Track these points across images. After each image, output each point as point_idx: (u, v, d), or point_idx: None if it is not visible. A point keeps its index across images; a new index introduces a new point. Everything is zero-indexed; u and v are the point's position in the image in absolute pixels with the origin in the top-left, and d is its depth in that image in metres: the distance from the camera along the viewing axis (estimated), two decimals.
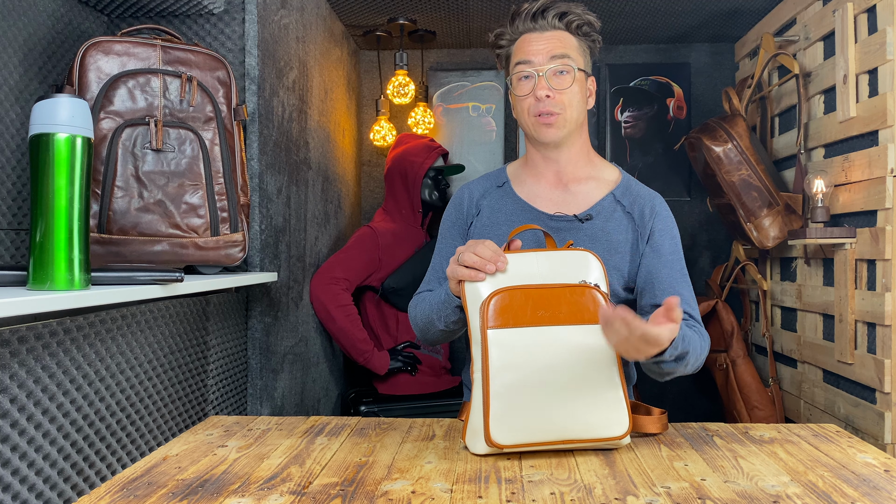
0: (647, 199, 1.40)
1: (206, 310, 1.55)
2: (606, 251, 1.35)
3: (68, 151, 1.07)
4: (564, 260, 1.14)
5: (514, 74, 1.38)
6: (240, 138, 1.57)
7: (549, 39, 1.36)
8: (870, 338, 1.89)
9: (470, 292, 1.12)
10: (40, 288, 1.05)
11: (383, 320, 2.59)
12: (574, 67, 1.35)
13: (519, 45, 1.39)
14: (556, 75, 1.35)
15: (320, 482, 0.98)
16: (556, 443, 1.07)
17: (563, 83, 1.35)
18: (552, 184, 1.43)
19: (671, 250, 1.37)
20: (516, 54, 1.39)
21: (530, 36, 1.37)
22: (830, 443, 1.17)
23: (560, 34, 1.37)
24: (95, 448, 1.15)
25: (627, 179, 1.44)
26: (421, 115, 2.98)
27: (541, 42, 1.36)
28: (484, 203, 1.45)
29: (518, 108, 1.39)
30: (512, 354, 1.07)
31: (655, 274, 1.35)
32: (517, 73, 1.37)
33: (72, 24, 1.56)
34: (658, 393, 3.05)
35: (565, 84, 1.35)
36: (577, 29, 1.38)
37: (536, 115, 1.35)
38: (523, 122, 1.39)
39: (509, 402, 1.06)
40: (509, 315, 1.08)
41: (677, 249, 1.38)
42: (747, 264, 2.60)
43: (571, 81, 1.35)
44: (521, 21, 1.38)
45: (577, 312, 1.09)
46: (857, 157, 1.94)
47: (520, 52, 1.38)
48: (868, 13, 1.91)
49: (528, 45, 1.37)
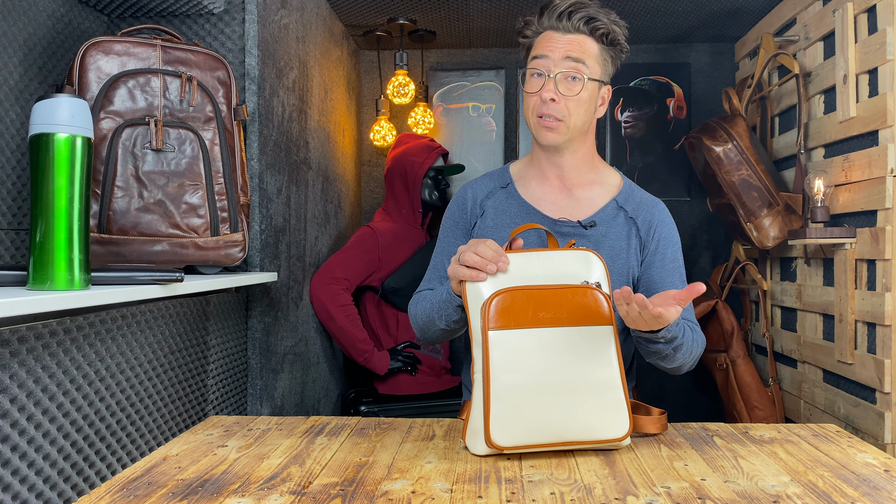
0: (650, 207, 1.41)
1: (206, 310, 1.55)
2: (608, 257, 1.36)
3: (68, 151, 1.07)
4: (567, 259, 1.14)
5: (528, 69, 1.38)
6: (240, 138, 1.57)
7: (570, 42, 1.34)
8: (870, 338, 1.89)
9: (471, 293, 1.11)
10: (40, 288, 1.05)
11: (383, 320, 2.59)
12: (585, 76, 1.33)
13: (540, 40, 1.38)
14: (566, 80, 1.33)
15: (320, 482, 0.98)
16: (557, 444, 1.07)
17: (573, 89, 1.33)
18: (557, 188, 1.42)
19: (673, 258, 1.39)
20: (536, 48, 1.38)
21: (552, 34, 1.36)
22: (830, 443, 1.17)
23: (582, 38, 1.35)
24: (95, 448, 1.15)
25: (629, 185, 1.44)
26: (421, 115, 2.98)
27: (560, 42, 1.34)
28: (488, 204, 1.44)
29: (525, 104, 1.39)
30: (513, 356, 1.06)
31: (658, 280, 1.37)
32: (531, 68, 1.37)
33: (72, 24, 1.56)
34: (658, 393, 3.05)
35: (574, 90, 1.33)
36: (602, 36, 1.35)
37: (539, 115, 1.35)
38: (527, 119, 1.39)
39: (510, 404, 1.05)
40: (510, 316, 1.07)
41: (678, 256, 1.41)
42: (747, 264, 2.60)
43: (580, 89, 1.33)
44: (547, 16, 1.36)
45: (579, 313, 1.09)
46: (857, 157, 1.94)
47: (539, 47, 1.37)
48: (868, 13, 1.91)
49: (547, 41, 1.36)
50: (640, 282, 1.40)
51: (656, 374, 3.07)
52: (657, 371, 3.05)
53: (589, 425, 1.07)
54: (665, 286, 1.36)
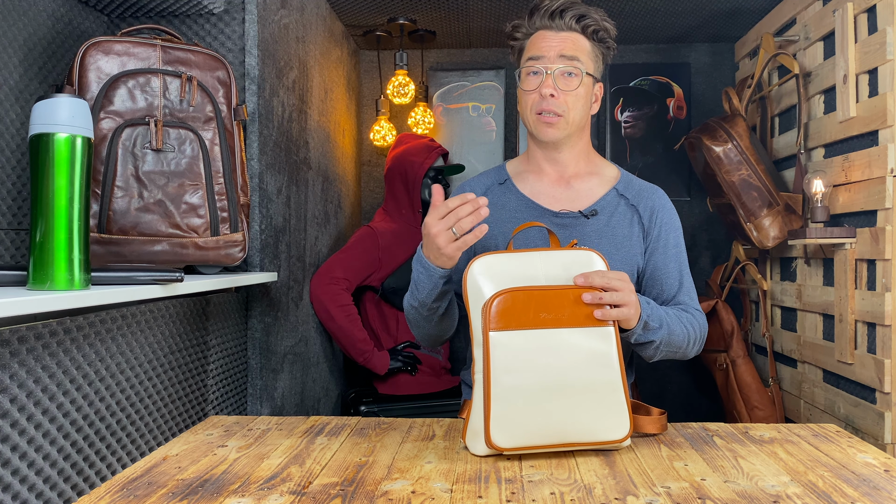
0: (651, 194, 1.43)
1: (206, 310, 1.55)
2: (612, 246, 1.36)
3: (68, 151, 1.07)
4: (569, 259, 1.13)
5: (524, 69, 1.39)
6: (240, 138, 1.57)
7: (563, 40, 1.36)
8: (870, 338, 1.89)
9: (472, 292, 1.10)
10: (40, 288, 1.05)
11: (383, 320, 2.59)
12: (582, 70, 1.35)
13: (533, 41, 1.39)
14: (563, 76, 1.35)
15: (320, 482, 0.98)
16: (557, 446, 1.07)
17: (570, 84, 1.35)
18: (555, 181, 1.43)
19: (675, 243, 1.41)
20: (529, 49, 1.39)
21: (545, 33, 1.38)
22: (830, 443, 1.17)
23: (574, 36, 1.37)
24: (95, 448, 1.15)
25: (627, 175, 1.46)
26: (421, 115, 2.98)
27: (554, 41, 1.36)
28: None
29: (522, 103, 1.40)
30: (514, 357, 1.06)
31: (662, 267, 1.39)
32: (527, 67, 1.38)
33: (72, 24, 1.56)
34: (658, 393, 3.05)
35: (572, 86, 1.35)
36: (593, 34, 1.38)
37: (538, 112, 1.35)
38: (526, 117, 1.40)
39: (510, 405, 1.05)
40: (512, 317, 1.07)
41: (680, 241, 1.42)
42: (747, 264, 2.60)
43: (578, 84, 1.35)
44: (538, 17, 1.38)
45: (580, 315, 1.08)
46: (857, 157, 1.94)
47: (532, 48, 1.38)
48: (868, 13, 1.91)
49: (541, 41, 1.37)
50: (644, 269, 1.41)
51: (656, 374, 3.07)
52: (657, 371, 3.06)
53: (589, 427, 1.07)
54: (665, 272, 1.38)
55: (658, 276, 1.38)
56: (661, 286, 1.38)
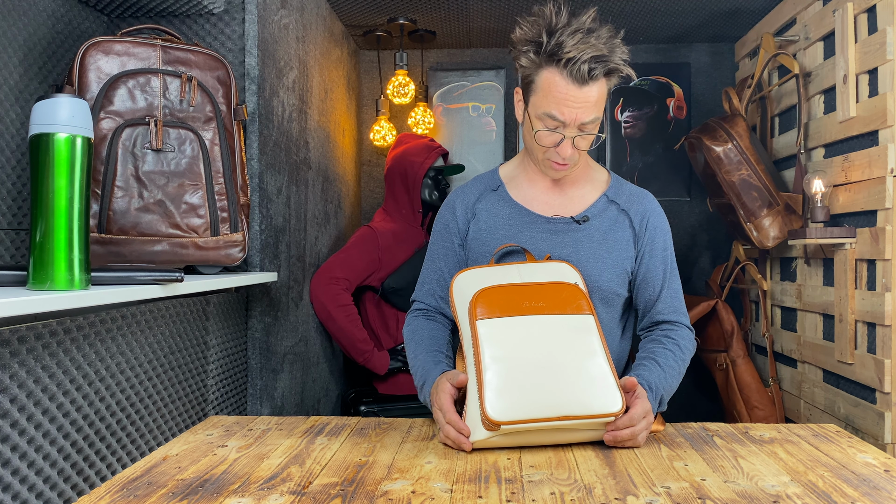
0: (641, 199, 1.44)
1: (206, 310, 1.55)
2: (604, 250, 1.36)
3: (68, 151, 1.07)
4: (544, 269, 1.25)
5: (540, 120, 1.29)
6: (240, 138, 1.57)
7: (586, 101, 1.25)
8: (870, 338, 1.89)
9: (458, 294, 1.22)
10: (40, 288, 1.05)
11: (383, 320, 2.59)
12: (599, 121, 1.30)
13: (549, 86, 1.26)
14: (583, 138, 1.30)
15: (320, 482, 0.98)
16: (554, 419, 1.07)
17: (587, 140, 1.31)
18: (548, 187, 1.43)
19: (663, 247, 1.42)
20: (547, 101, 1.26)
21: (567, 87, 1.24)
22: (830, 443, 1.17)
23: (596, 87, 1.25)
24: (95, 448, 1.15)
25: (617, 179, 1.46)
26: (421, 115, 2.98)
27: (576, 104, 1.24)
28: (479, 207, 1.44)
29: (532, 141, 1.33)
30: (501, 336, 1.13)
31: (652, 270, 1.40)
32: (543, 119, 1.28)
33: (72, 24, 1.56)
34: None
35: (588, 141, 1.31)
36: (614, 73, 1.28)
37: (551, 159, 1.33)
38: (533, 152, 1.35)
39: (504, 379, 1.09)
40: (496, 306, 1.16)
41: (669, 245, 1.43)
42: (747, 264, 2.60)
43: (593, 137, 1.31)
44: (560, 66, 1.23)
45: (561, 303, 1.17)
46: (857, 157, 1.94)
47: (550, 100, 1.26)
48: (868, 13, 1.91)
49: (560, 94, 1.24)
50: (636, 273, 1.41)
51: None
52: None
53: (581, 399, 1.09)
54: (658, 275, 1.39)
55: (648, 278, 1.39)
56: (648, 287, 1.39)
